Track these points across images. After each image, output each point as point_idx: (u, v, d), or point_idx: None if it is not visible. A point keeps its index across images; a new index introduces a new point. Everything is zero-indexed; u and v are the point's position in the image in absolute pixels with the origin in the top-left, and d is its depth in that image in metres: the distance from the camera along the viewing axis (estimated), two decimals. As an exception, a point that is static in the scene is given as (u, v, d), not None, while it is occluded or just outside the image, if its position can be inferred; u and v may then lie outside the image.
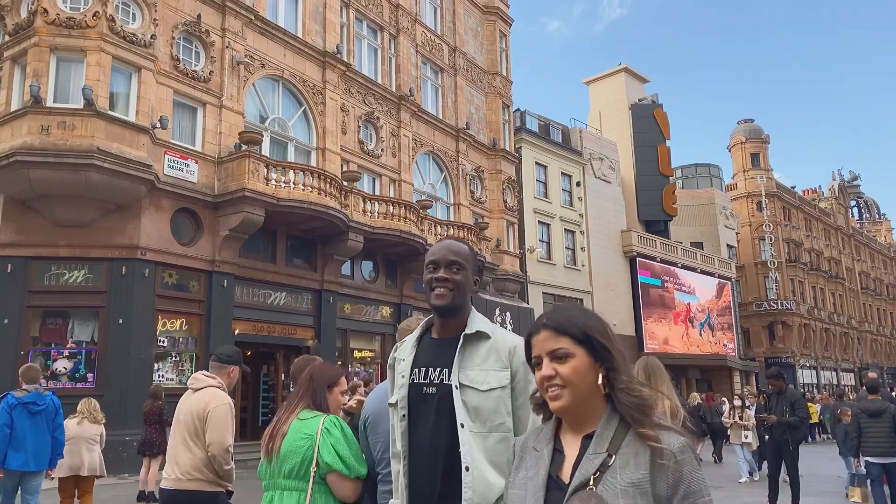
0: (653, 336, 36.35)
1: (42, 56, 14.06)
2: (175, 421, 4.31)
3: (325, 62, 20.34)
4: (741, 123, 55.33)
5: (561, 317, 1.67)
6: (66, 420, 7.92)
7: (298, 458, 2.90)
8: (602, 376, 1.61)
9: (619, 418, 1.57)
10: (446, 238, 2.64)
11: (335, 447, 2.89)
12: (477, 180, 26.94)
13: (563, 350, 1.61)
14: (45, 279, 14.55)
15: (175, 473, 4.15)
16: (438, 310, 2.44)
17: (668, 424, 1.56)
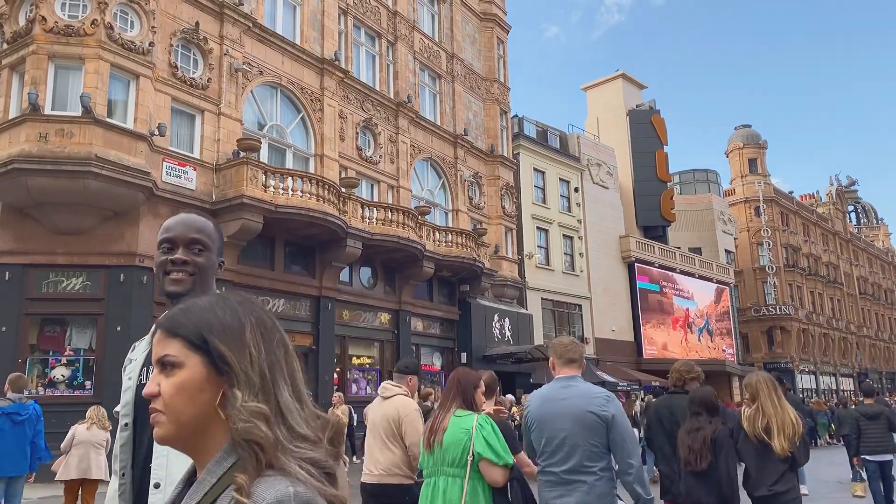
0: (652, 342, 36.34)
1: (40, 64, 14.07)
2: (371, 425, 4.92)
3: (324, 69, 20.38)
4: (739, 129, 55.48)
5: (179, 311, 1.19)
6: (76, 425, 8.45)
7: (459, 449, 3.45)
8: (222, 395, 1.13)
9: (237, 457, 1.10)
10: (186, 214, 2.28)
11: (487, 439, 3.43)
12: (475, 186, 26.96)
13: (171, 358, 1.14)
14: (42, 286, 14.52)
15: (377, 470, 4.71)
16: (175, 298, 2.06)
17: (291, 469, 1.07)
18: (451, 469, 3.47)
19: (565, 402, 3.54)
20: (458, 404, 3.65)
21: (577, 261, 33.42)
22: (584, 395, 3.54)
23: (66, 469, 8.12)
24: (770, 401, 4.86)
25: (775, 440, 4.67)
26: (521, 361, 25.29)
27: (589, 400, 3.52)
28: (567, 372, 3.69)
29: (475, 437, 3.44)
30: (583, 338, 32.60)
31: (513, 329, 26.45)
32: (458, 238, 23.14)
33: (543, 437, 3.53)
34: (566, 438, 3.44)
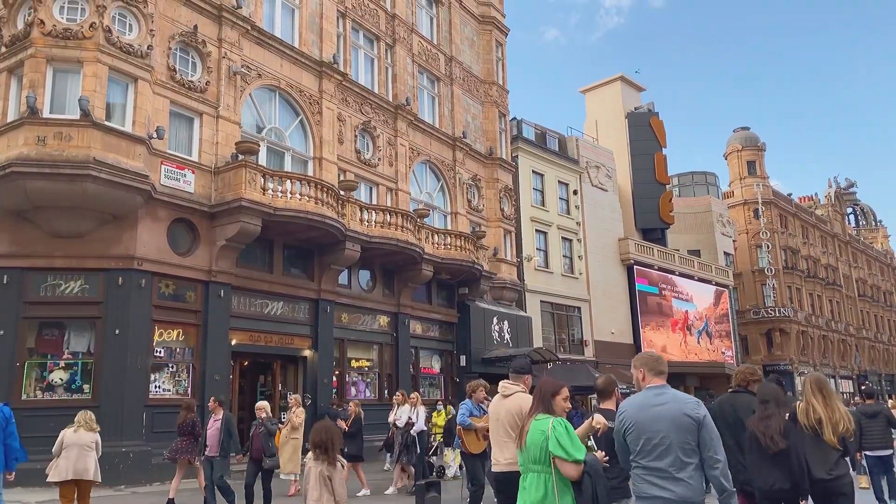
0: (651, 344, 36.31)
1: (38, 67, 14.06)
2: (495, 420, 5.56)
3: (322, 72, 20.38)
4: (737, 131, 55.55)
5: None
6: (65, 430, 8.64)
7: (538, 449, 4.07)
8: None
9: None
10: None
11: (558, 439, 4.00)
12: (474, 189, 26.96)
13: None
14: (41, 290, 14.49)
15: (504, 460, 5.34)
16: None
17: None
18: (536, 466, 4.09)
19: (662, 406, 4.04)
20: (539, 410, 4.29)
21: (577, 263, 33.42)
22: (678, 400, 4.09)
23: (57, 471, 8.33)
24: (816, 398, 5.54)
25: (825, 432, 5.34)
26: (521, 364, 25.20)
27: (683, 404, 4.05)
28: (657, 381, 4.22)
29: (550, 437, 4.01)
30: (582, 340, 32.60)
31: (512, 331, 26.43)
32: (457, 241, 23.13)
33: (642, 438, 4.02)
34: (664, 438, 3.94)
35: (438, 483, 10.08)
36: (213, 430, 10.50)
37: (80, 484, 8.53)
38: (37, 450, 12.05)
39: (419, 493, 9.44)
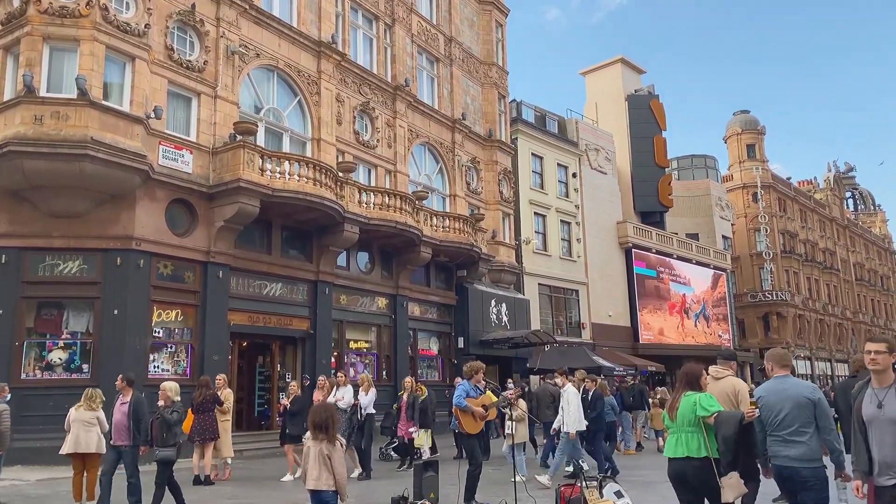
0: (648, 327, 36.46)
1: (35, 45, 13.95)
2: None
3: (321, 52, 20.24)
4: (737, 115, 55.39)
5: None
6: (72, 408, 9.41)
7: (691, 414, 5.49)
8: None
9: None
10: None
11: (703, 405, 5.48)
12: (473, 171, 26.90)
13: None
14: (39, 270, 14.49)
15: None
16: None
17: None
18: (689, 427, 5.49)
19: (786, 391, 5.49)
20: (688, 389, 5.69)
21: (575, 246, 33.44)
22: (798, 386, 5.57)
23: (65, 445, 9.19)
24: None
25: None
26: (518, 346, 25.36)
27: (802, 388, 5.52)
28: (782, 372, 5.65)
29: (698, 406, 5.48)
30: (579, 323, 32.70)
31: (510, 314, 26.50)
32: (456, 223, 23.11)
33: (772, 414, 5.45)
34: (787, 414, 5.38)
35: (436, 462, 10.13)
36: (121, 414, 9.06)
37: (84, 457, 9.23)
38: (36, 429, 12.18)
39: (417, 472, 9.50)
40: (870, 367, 4.54)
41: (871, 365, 4.52)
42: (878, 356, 4.50)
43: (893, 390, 4.45)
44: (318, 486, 6.03)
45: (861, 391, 4.67)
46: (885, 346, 4.51)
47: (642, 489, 10.61)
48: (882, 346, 4.53)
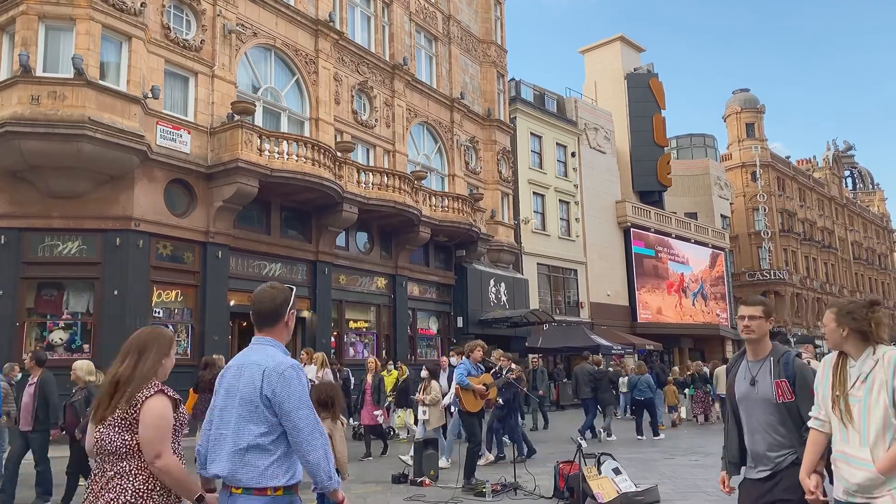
0: (646, 306, 36.59)
1: (30, 24, 13.85)
2: None
3: (318, 31, 20.10)
4: (737, 93, 55.11)
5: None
6: None
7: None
8: None
9: None
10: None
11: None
12: (471, 151, 26.83)
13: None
14: (38, 250, 14.52)
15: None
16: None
17: None
18: None
19: None
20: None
21: (573, 226, 33.46)
22: None
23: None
24: None
25: None
26: (517, 325, 25.48)
27: None
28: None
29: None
30: (578, 302, 32.81)
31: (508, 294, 26.58)
32: (455, 203, 23.11)
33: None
34: None
35: (436, 440, 10.23)
36: (28, 396, 8.38)
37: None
38: (39, 408, 12.19)
39: (417, 450, 9.60)
40: (743, 336, 3.74)
41: (744, 333, 3.72)
42: (753, 322, 3.69)
43: (770, 364, 3.65)
44: None
45: (735, 364, 3.88)
46: (760, 310, 3.71)
47: (641, 467, 10.73)
48: (757, 309, 3.72)
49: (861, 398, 3.07)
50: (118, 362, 2.99)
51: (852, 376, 3.15)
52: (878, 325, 3.16)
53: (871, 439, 3.00)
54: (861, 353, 3.15)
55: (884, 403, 2.99)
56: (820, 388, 3.31)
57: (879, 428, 2.98)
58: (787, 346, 3.80)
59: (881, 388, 3.01)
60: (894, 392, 2.97)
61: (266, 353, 3.02)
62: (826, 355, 3.37)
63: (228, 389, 3.01)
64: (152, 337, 3.06)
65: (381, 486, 9.38)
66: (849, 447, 3.10)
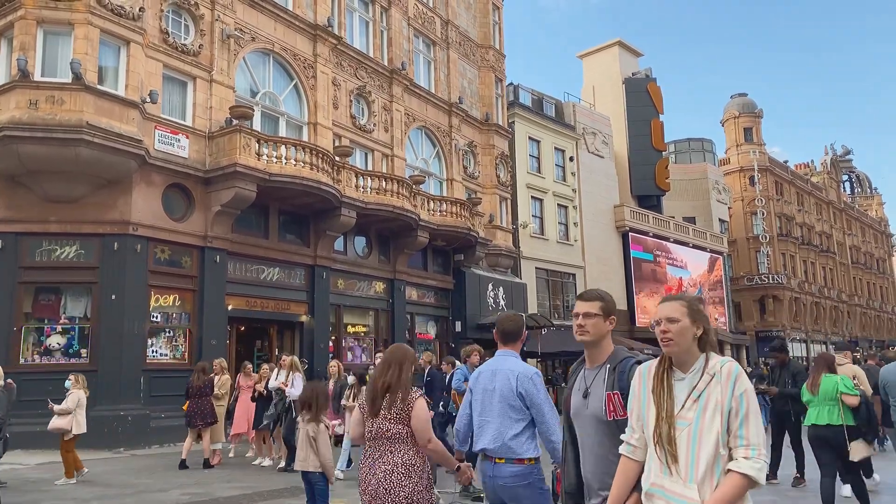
0: (645, 310, 36.58)
1: (29, 29, 13.86)
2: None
3: (316, 35, 20.12)
4: (735, 98, 55.20)
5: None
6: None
7: (833, 391, 7.04)
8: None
9: None
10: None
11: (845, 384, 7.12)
12: (470, 155, 26.84)
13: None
14: (36, 255, 14.49)
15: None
16: None
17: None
18: (830, 401, 7.03)
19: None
20: (825, 371, 7.29)
21: (572, 230, 33.47)
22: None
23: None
24: None
25: None
26: (515, 330, 25.39)
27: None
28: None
29: (839, 385, 7.03)
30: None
31: (507, 298, 26.56)
32: (453, 207, 23.11)
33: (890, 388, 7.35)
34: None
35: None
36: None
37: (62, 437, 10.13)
38: (35, 413, 12.21)
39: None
40: (578, 338, 3.11)
41: (577, 334, 3.09)
42: (587, 321, 3.06)
43: (606, 371, 3.01)
44: (306, 468, 6.11)
45: (574, 373, 3.23)
46: (597, 307, 3.07)
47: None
48: (593, 305, 3.07)
49: (692, 422, 2.44)
50: (383, 372, 3.99)
51: (681, 393, 2.51)
52: (711, 331, 2.61)
53: (699, 474, 2.39)
54: (693, 363, 2.54)
55: (717, 430, 2.39)
56: (636, 404, 2.65)
57: (710, 460, 2.38)
58: (629, 351, 3.13)
59: (715, 411, 2.41)
60: (730, 415, 2.39)
61: (513, 363, 4.14)
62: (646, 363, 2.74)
63: (485, 388, 4.10)
64: (405, 353, 4.10)
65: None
66: (670, 482, 2.46)
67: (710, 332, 2.58)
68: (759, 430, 2.39)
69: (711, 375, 2.47)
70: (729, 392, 2.41)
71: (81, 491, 9.46)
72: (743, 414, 2.39)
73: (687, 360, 2.55)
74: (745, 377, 2.45)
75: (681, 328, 2.55)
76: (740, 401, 2.40)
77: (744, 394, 2.41)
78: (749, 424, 2.38)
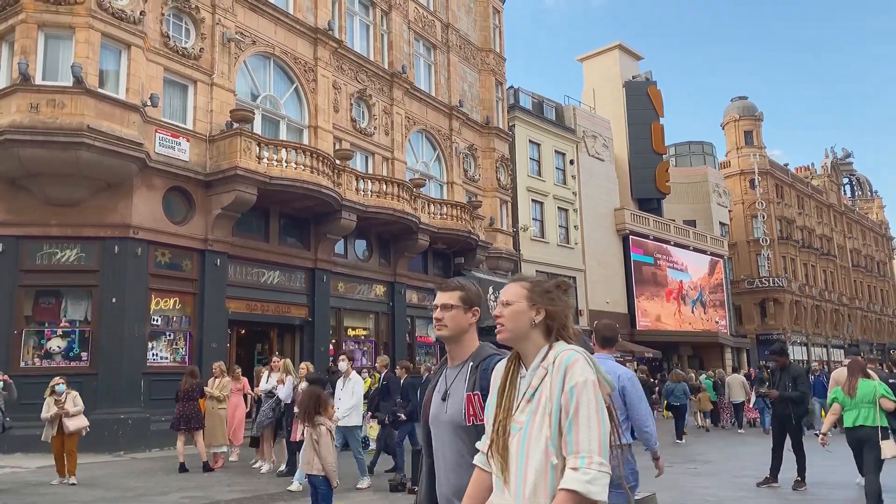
0: (645, 313, 36.57)
1: (30, 33, 13.88)
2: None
3: (317, 39, 20.15)
4: (735, 101, 55.22)
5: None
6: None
7: (870, 394, 7.45)
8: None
9: None
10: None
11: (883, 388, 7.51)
12: (470, 158, 26.86)
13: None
14: (37, 258, 14.50)
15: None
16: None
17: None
18: (867, 404, 7.44)
19: None
20: (861, 376, 7.65)
21: (572, 233, 33.48)
22: None
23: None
24: None
25: None
26: (516, 333, 25.40)
27: None
28: None
29: (877, 389, 7.47)
30: (577, 310, 32.78)
31: (507, 301, 26.52)
32: (453, 210, 23.12)
33: None
34: None
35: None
36: None
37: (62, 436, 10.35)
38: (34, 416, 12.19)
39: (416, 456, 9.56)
40: (436, 333, 2.71)
41: (436, 329, 2.69)
42: (445, 313, 2.63)
43: (468, 370, 2.59)
44: (310, 471, 6.15)
45: (437, 374, 2.82)
46: (456, 297, 2.64)
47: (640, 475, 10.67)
48: (452, 296, 2.65)
49: (523, 426, 2.04)
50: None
51: (520, 391, 2.12)
52: (569, 318, 2.25)
53: (527, 490, 1.99)
54: (536, 355, 2.15)
55: (546, 435, 1.98)
56: (490, 408, 2.24)
57: (539, 473, 1.97)
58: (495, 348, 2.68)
59: (545, 413, 2.00)
60: (561, 414, 1.97)
61: (612, 365, 4.92)
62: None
63: None
64: None
65: (380, 495, 9.35)
66: (500, 499, 2.10)
67: (556, 316, 2.16)
68: (591, 432, 1.92)
69: (546, 369, 2.06)
70: (558, 386, 1.99)
71: (82, 494, 9.46)
72: (572, 413, 1.94)
73: (528, 351, 2.15)
74: (580, 367, 1.99)
75: (513, 311, 2.18)
76: (570, 396, 1.95)
77: (574, 388, 1.95)
78: (579, 426, 1.92)
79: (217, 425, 12.20)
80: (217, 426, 12.19)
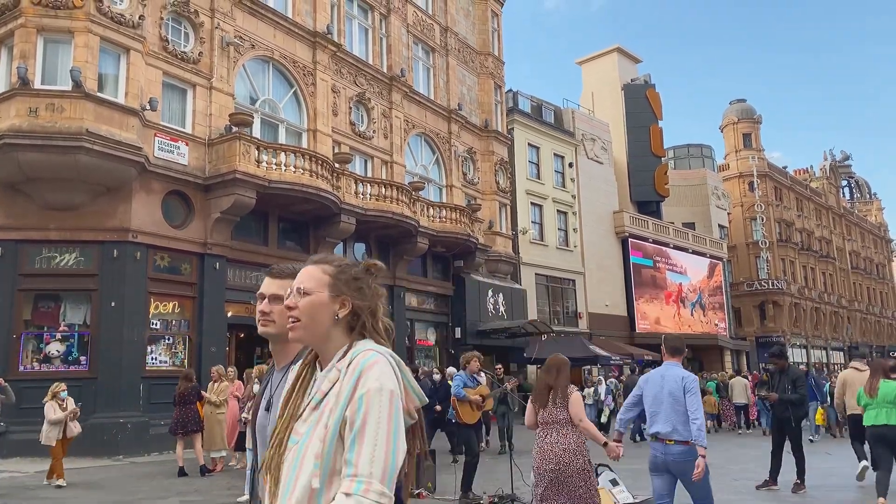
0: (644, 316, 36.58)
1: (29, 37, 13.90)
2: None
3: (316, 43, 20.18)
4: (733, 104, 55.32)
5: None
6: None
7: (891, 395, 7.66)
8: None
9: None
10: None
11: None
12: (469, 162, 26.89)
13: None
14: (36, 262, 14.50)
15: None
16: None
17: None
18: (888, 404, 7.68)
19: None
20: (883, 377, 7.91)
21: (571, 236, 33.50)
22: None
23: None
24: None
25: None
26: (515, 336, 25.44)
27: None
28: None
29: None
30: (576, 313, 32.79)
31: (507, 304, 26.56)
32: (452, 214, 23.13)
33: None
34: None
35: (433, 450, 10.21)
36: None
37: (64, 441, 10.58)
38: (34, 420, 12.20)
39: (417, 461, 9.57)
40: (260, 329, 2.25)
41: (261, 325, 2.23)
42: (274, 307, 2.18)
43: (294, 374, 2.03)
44: None
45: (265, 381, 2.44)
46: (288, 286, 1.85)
47: (637, 477, 10.68)
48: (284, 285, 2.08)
49: (301, 438, 1.64)
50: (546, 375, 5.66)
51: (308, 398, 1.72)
52: (380, 309, 1.79)
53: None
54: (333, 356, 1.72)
55: (316, 451, 1.58)
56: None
57: (303, 497, 1.56)
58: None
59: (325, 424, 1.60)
60: (340, 426, 1.58)
61: (678, 370, 5.68)
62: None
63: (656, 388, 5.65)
64: (563, 361, 5.67)
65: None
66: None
67: (362, 311, 1.74)
68: (376, 452, 1.53)
69: (340, 371, 1.65)
70: (347, 393, 1.59)
71: (82, 498, 9.45)
72: (358, 426, 1.54)
73: (326, 351, 1.74)
74: (377, 372, 1.59)
75: (311, 304, 1.72)
76: (358, 406, 1.56)
77: (364, 396, 1.56)
78: (363, 444, 1.53)
79: (215, 430, 12.19)
80: (215, 431, 12.18)
